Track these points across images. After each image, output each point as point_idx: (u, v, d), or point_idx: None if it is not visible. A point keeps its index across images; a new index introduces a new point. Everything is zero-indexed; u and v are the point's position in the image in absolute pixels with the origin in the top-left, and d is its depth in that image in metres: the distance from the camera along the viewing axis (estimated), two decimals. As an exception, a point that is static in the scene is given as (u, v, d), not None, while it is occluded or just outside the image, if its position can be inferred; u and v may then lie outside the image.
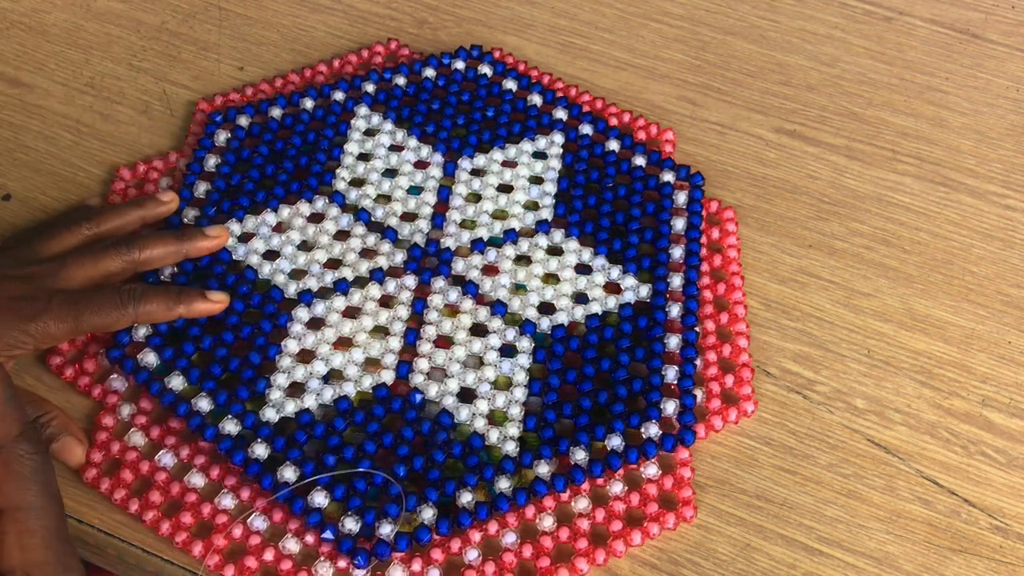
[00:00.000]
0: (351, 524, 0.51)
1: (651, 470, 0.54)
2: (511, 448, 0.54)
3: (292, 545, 0.51)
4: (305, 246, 0.62)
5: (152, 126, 0.69)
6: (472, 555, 0.51)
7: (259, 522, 0.52)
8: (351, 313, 0.59)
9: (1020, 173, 0.69)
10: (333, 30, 0.75)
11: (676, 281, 0.60)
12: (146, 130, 0.68)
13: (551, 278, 0.61)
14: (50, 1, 0.75)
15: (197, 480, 0.53)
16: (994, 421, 0.58)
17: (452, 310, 0.59)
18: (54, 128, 0.68)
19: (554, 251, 0.62)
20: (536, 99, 0.69)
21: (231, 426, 0.54)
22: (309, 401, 0.55)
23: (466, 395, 0.56)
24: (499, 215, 0.63)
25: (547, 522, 0.52)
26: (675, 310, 0.59)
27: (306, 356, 0.57)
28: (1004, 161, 0.70)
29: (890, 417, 0.58)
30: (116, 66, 0.72)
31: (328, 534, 0.51)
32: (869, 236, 0.65)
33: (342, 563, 0.51)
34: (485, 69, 0.70)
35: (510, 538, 0.52)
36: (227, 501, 0.52)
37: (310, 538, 0.51)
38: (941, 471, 0.56)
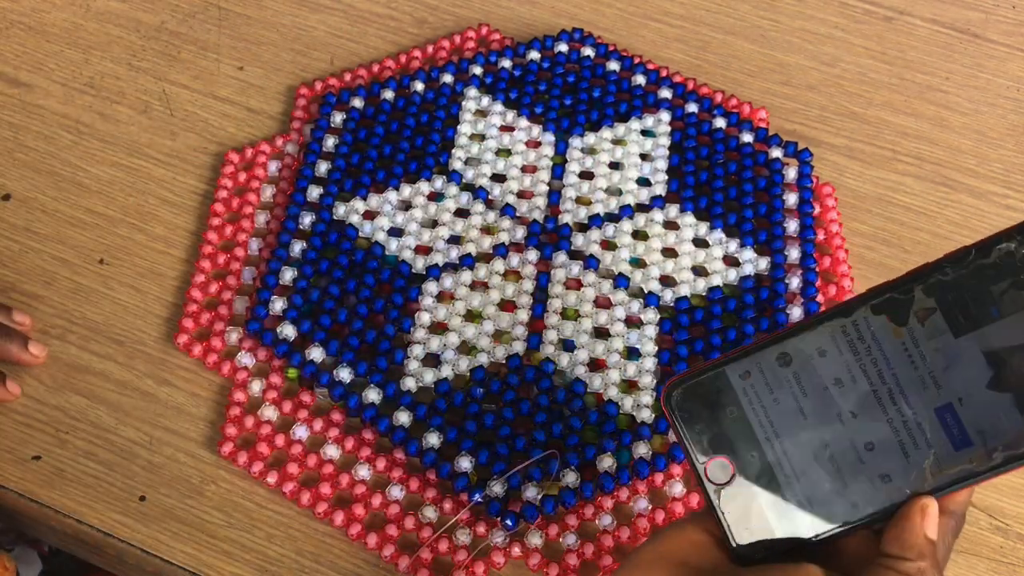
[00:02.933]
0: (498, 488, 0.53)
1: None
2: (647, 415, 0.56)
3: (430, 513, 0.53)
4: (427, 223, 0.64)
5: (152, 126, 0.69)
6: (607, 520, 0.53)
7: (397, 491, 0.54)
8: (478, 287, 0.61)
9: (1020, 173, 0.69)
10: (333, 30, 0.75)
11: (793, 254, 0.62)
12: (146, 130, 0.68)
13: (669, 252, 0.63)
14: (50, 1, 0.75)
15: (333, 452, 0.55)
16: (994, 421, 0.58)
17: (576, 284, 0.61)
18: (54, 128, 0.68)
19: (670, 226, 0.64)
20: (640, 79, 0.70)
21: (373, 395, 0.56)
22: (446, 371, 0.57)
23: (596, 365, 0.58)
24: (613, 191, 0.65)
25: (676, 488, 0.55)
26: (794, 282, 0.61)
27: (438, 328, 0.59)
28: (1004, 161, 0.70)
29: (890, 417, 0.58)
30: (116, 66, 0.72)
31: (477, 497, 0.53)
32: (869, 236, 0.65)
33: (481, 528, 0.52)
34: (588, 51, 0.72)
35: (642, 503, 0.54)
36: (363, 472, 0.54)
37: (448, 504, 0.53)
38: (941, 471, 0.56)
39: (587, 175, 0.66)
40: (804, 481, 0.38)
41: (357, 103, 0.69)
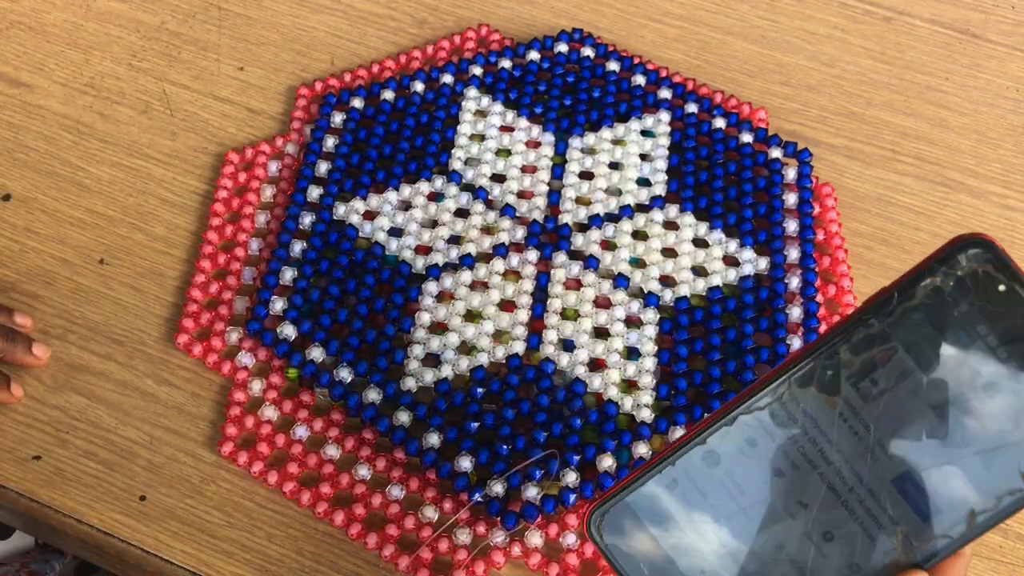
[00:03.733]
0: (498, 488, 0.53)
1: None
2: (646, 415, 0.56)
3: (430, 512, 0.53)
4: (428, 223, 0.64)
5: (152, 126, 0.69)
6: None
7: (397, 491, 0.54)
8: (478, 287, 0.61)
9: (1020, 173, 0.69)
10: (333, 30, 0.75)
11: (793, 254, 0.63)
12: (146, 130, 0.68)
13: (669, 252, 0.63)
14: (50, 1, 0.75)
15: (333, 452, 0.55)
16: (994, 421, 0.58)
17: (575, 284, 0.61)
18: (54, 128, 0.68)
19: (670, 226, 0.64)
20: (640, 79, 0.71)
21: (373, 395, 0.56)
22: (446, 371, 0.57)
23: (596, 365, 0.58)
24: (613, 192, 0.65)
25: None
26: (794, 282, 0.61)
27: (438, 328, 0.59)
28: (1004, 161, 0.70)
29: (890, 417, 0.58)
30: (116, 66, 0.72)
31: (477, 496, 0.53)
32: (869, 236, 0.65)
33: (481, 528, 0.53)
34: (588, 51, 0.72)
35: None
36: (363, 471, 0.54)
37: (448, 504, 0.53)
38: (941, 471, 0.56)
39: (587, 175, 0.66)
40: None
41: (357, 103, 0.69)
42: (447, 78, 0.70)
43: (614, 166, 0.67)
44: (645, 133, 0.68)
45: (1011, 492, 0.32)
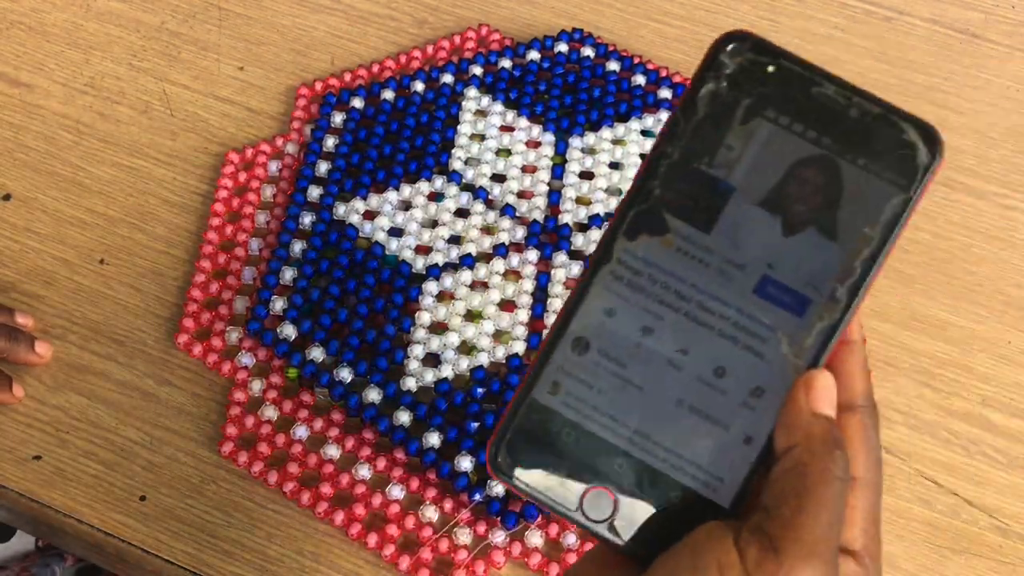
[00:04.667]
0: (499, 488, 0.53)
1: None
2: None
3: (431, 512, 0.53)
4: (428, 223, 0.64)
5: (152, 126, 0.69)
6: None
7: (397, 491, 0.54)
8: (478, 287, 0.61)
9: (1020, 173, 0.69)
10: (333, 30, 0.75)
11: None
12: (146, 130, 0.68)
13: None
14: (50, 1, 0.75)
15: (333, 452, 0.55)
16: (994, 421, 0.58)
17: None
18: (54, 128, 0.68)
19: None
20: (640, 79, 0.70)
21: (373, 395, 0.56)
22: (446, 371, 0.57)
23: None
24: (613, 192, 0.66)
25: None
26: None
27: (438, 328, 0.59)
28: (1004, 161, 0.70)
29: (890, 417, 0.58)
30: (116, 66, 0.72)
31: (478, 496, 0.53)
32: (869, 236, 0.65)
33: (481, 528, 0.52)
34: (588, 51, 0.72)
35: None
36: (364, 471, 0.54)
37: (448, 504, 0.53)
38: (941, 471, 0.56)
39: (587, 175, 0.66)
40: (686, 452, 0.32)
41: (357, 103, 0.69)
42: (447, 78, 0.70)
43: (614, 166, 0.67)
44: (645, 133, 0.68)
45: (860, 252, 0.33)
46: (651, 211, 0.33)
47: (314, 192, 0.64)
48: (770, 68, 0.33)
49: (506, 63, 0.71)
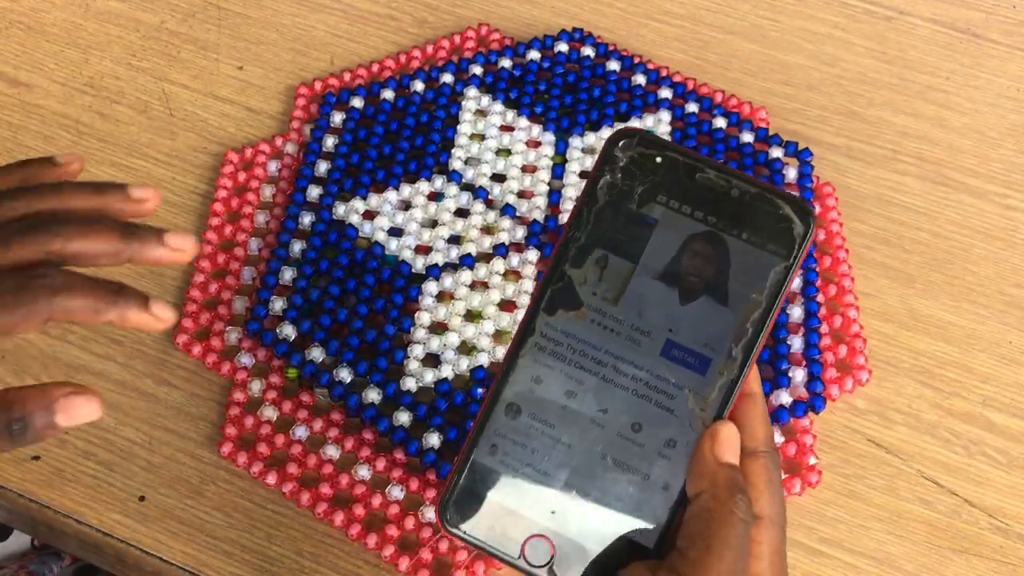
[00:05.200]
0: None
1: (775, 437, 0.55)
2: None
3: (431, 513, 0.53)
4: (428, 223, 0.64)
5: (152, 126, 0.69)
6: None
7: (397, 491, 0.54)
8: (478, 287, 0.61)
9: (1021, 173, 0.69)
10: (333, 30, 0.75)
11: None
12: (145, 130, 0.68)
13: None
14: (50, 1, 0.75)
15: (333, 452, 0.55)
16: (994, 421, 0.58)
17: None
18: (53, 128, 0.68)
19: None
20: (640, 79, 0.70)
21: (373, 395, 0.56)
22: (446, 371, 0.57)
23: None
24: None
25: None
26: (795, 282, 0.61)
27: (438, 328, 0.59)
28: (1005, 161, 0.70)
29: (890, 417, 0.58)
30: (115, 66, 0.72)
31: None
32: (869, 236, 0.65)
33: None
34: (588, 51, 0.72)
35: None
36: (363, 472, 0.54)
37: None
38: (941, 471, 0.56)
39: (587, 175, 0.66)
40: (612, 500, 0.37)
41: (357, 103, 0.69)
42: (447, 78, 0.70)
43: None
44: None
45: (751, 317, 0.37)
46: (565, 289, 0.37)
47: (314, 192, 0.64)
48: (658, 159, 0.37)
49: (506, 63, 0.71)
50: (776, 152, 0.67)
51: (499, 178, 0.66)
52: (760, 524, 0.37)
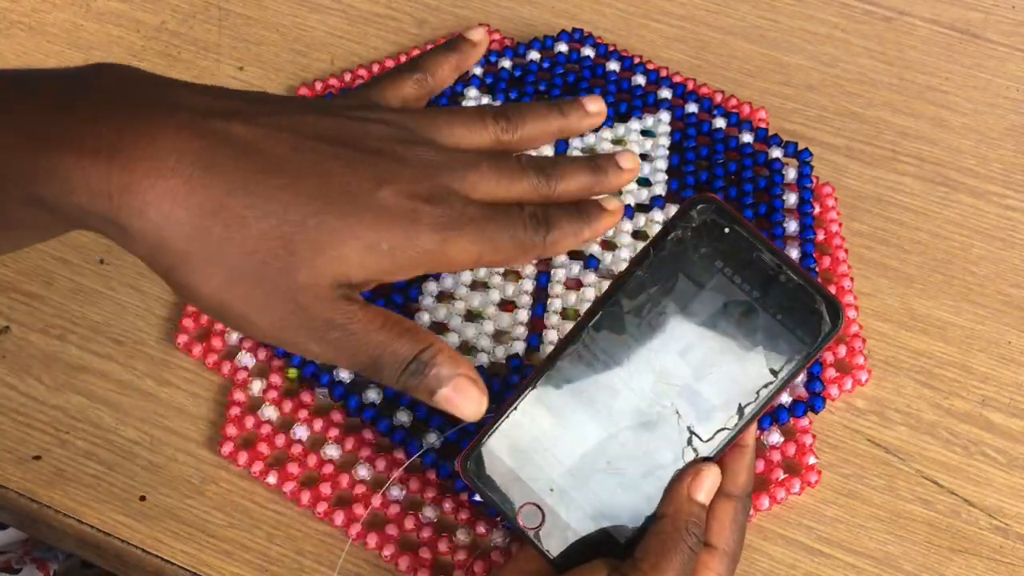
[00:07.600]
0: None
1: (774, 437, 0.55)
2: None
3: (430, 513, 0.53)
4: None
5: (152, 126, 0.69)
6: None
7: (396, 491, 0.54)
8: (478, 287, 0.61)
9: (1020, 173, 0.69)
10: (333, 30, 0.75)
11: (793, 254, 0.62)
12: (146, 130, 0.68)
13: None
14: (50, 1, 0.75)
15: (333, 452, 0.55)
16: (994, 421, 0.58)
17: (575, 284, 0.61)
18: (54, 128, 0.68)
19: None
20: (640, 79, 0.70)
21: (373, 395, 0.56)
22: None
23: None
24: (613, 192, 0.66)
25: None
26: None
27: (438, 328, 0.59)
28: (1004, 161, 0.70)
29: (890, 417, 0.58)
30: (116, 66, 0.72)
31: (477, 497, 0.52)
32: (869, 236, 0.65)
33: (481, 528, 0.52)
34: (588, 51, 0.72)
35: None
36: (363, 472, 0.54)
37: (448, 504, 0.53)
38: (941, 471, 0.56)
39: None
40: (603, 496, 0.43)
41: (357, 103, 0.69)
42: (447, 78, 0.70)
43: (614, 166, 0.67)
44: (645, 133, 0.68)
45: (764, 386, 0.43)
46: (615, 314, 0.43)
47: None
48: (726, 230, 0.43)
49: (506, 63, 0.71)
50: (776, 152, 0.67)
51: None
52: (715, 553, 0.43)
